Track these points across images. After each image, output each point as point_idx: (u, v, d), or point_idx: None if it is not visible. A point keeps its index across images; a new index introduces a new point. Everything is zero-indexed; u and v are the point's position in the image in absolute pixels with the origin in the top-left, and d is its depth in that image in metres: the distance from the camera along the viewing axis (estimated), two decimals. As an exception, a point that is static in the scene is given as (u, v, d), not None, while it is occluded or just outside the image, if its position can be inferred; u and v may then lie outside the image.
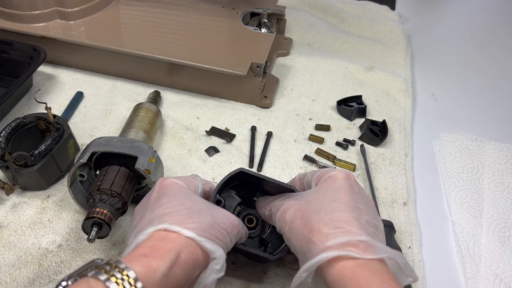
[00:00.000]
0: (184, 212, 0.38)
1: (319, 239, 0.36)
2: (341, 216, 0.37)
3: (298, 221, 0.39)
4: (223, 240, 0.38)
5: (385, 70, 0.84)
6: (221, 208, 0.43)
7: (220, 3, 0.84)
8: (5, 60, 0.72)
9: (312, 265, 0.35)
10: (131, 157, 0.51)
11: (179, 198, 0.40)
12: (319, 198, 0.40)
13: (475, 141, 0.72)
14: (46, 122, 0.59)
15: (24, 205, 0.56)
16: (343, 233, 0.35)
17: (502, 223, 0.60)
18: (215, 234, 0.37)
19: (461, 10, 1.10)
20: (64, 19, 0.75)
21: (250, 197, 0.51)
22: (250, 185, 0.50)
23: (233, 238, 0.41)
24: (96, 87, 0.76)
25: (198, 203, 0.40)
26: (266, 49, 0.72)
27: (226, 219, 0.40)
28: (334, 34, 0.94)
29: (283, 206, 0.42)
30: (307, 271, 0.35)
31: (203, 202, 0.42)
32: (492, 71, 0.89)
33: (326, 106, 0.76)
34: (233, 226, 0.41)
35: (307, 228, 0.37)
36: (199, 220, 0.37)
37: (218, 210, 0.41)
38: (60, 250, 0.52)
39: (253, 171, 0.47)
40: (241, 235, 0.43)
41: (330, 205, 0.39)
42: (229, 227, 0.40)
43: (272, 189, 0.49)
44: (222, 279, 0.50)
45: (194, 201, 0.40)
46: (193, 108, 0.73)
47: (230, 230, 0.40)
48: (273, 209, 0.43)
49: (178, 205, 0.39)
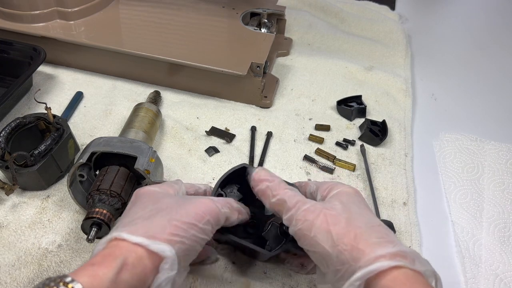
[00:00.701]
0: (141, 217, 0.38)
1: (367, 247, 0.35)
2: (378, 228, 0.37)
3: (335, 226, 0.38)
4: (184, 235, 0.37)
5: (385, 70, 0.84)
6: (195, 198, 0.42)
7: (220, 3, 0.84)
8: (5, 60, 0.72)
9: (366, 274, 0.34)
10: (131, 157, 0.51)
11: (146, 204, 0.40)
12: (345, 209, 0.39)
13: (475, 141, 0.72)
14: (46, 122, 0.59)
15: (24, 205, 0.56)
16: (390, 243, 0.35)
17: (502, 223, 0.60)
18: (171, 232, 0.37)
19: (461, 10, 1.10)
20: (64, 19, 0.75)
21: (252, 195, 0.51)
22: None
23: (208, 225, 0.39)
24: (96, 87, 0.76)
25: (164, 204, 0.40)
26: (266, 49, 0.72)
27: (198, 209, 0.39)
28: (334, 34, 0.94)
29: (305, 206, 0.40)
30: (360, 280, 0.34)
31: (172, 201, 0.41)
32: (492, 71, 0.89)
33: (326, 106, 0.76)
34: (205, 214, 0.39)
35: (349, 234, 0.37)
36: (151, 223, 0.37)
37: (188, 203, 0.40)
38: (60, 250, 0.52)
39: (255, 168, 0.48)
40: (230, 215, 0.42)
41: (363, 216, 0.39)
42: (199, 216, 0.39)
43: None
44: (222, 278, 0.50)
45: (160, 203, 0.40)
46: (193, 108, 0.73)
47: (199, 219, 0.39)
48: (288, 203, 0.41)
49: (139, 211, 0.39)
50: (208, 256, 0.50)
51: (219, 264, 0.52)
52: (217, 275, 0.51)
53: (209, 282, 0.50)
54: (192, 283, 0.50)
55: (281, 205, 0.42)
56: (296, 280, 0.51)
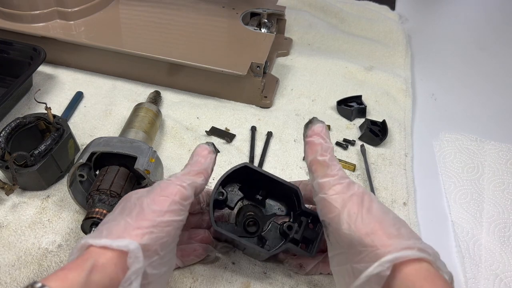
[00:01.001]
0: (109, 220, 0.39)
1: (397, 236, 0.36)
2: (405, 224, 0.39)
3: (367, 210, 0.38)
4: (150, 225, 0.37)
5: (385, 70, 0.84)
6: (156, 184, 0.41)
7: (220, 3, 0.84)
8: (5, 60, 0.72)
9: (396, 258, 0.35)
10: (131, 157, 0.51)
11: (116, 207, 0.41)
12: (369, 202, 0.40)
13: (475, 141, 0.72)
14: (46, 122, 0.59)
15: (24, 205, 0.56)
16: (417, 239, 0.37)
17: (502, 223, 0.60)
18: (135, 226, 0.37)
19: (461, 10, 1.10)
20: (64, 19, 0.75)
21: (253, 194, 0.51)
22: (253, 182, 0.50)
23: (175, 205, 0.39)
24: (96, 87, 0.76)
25: (129, 202, 0.40)
26: (266, 49, 0.72)
27: (157, 195, 0.39)
28: (334, 34, 0.94)
29: (345, 180, 0.41)
30: (390, 262, 0.35)
31: (137, 196, 0.41)
32: (493, 71, 0.89)
33: (326, 106, 0.76)
34: (167, 196, 0.39)
35: (381, 221, 0.38)
36: (116, 224, 0.38)
37: (149, 192, 0.40)
38: (60, 250, 0.52)
39: (257, 167, 0.48)
40: (198, 183, 0.42)
41: (391, 212, 0.40)
42: (161, 201, 0.39)
43: (274, 188, 0.49)
44: (222, 278, 0.50)
45: (125, 202, 0.41)
46: (193, 108, 0.73)
47: (162, 204, 0.39)
48: (330, 169, 0.41)
49: (109, 216, 0.40)
50: (208, 254, 0.50)
51: (219, 264, 0.52)
52: (217, 275, 0.51)
53: (209, 282, 0.50)
54: (192, 283, 0.50)
55: (322, 167, 0.41)
56: (296, 280, 0.51)
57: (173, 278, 0.50)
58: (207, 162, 0.44)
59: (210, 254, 0.50)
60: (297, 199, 0.48)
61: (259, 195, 0.51)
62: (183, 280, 0.50)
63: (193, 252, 0.49)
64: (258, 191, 0.51)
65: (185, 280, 0.50)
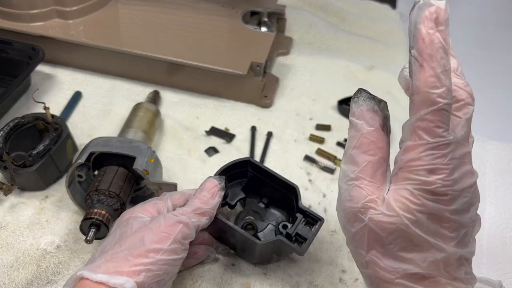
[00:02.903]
0: (108, 252, 0.39)
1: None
2: None
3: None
4: (149, 262, 0.37)
5: (386, 69, 0.84)
6: (159, 219, 0.41)
7: (220, 2, 0.84)
8: (4, 59, 0.71)
9: None
10: (130, 158, 0.51)
11: (115, 235, 0.41)
12: None
13: (476, 141, 0.71)
14: (45, 122, 0.58)
15: (22, 205, 0.56)
16: None
17: (504, 224, 0.59)
18: (134, 263, 0.37)
19: (462, 10, 1.09)
20: (63, 18, 0.75)
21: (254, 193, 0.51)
22: (255, 184, 0.50)
23: (176, 243, 0.39)
24: (95, 87, 0.76)
25: (130, 234, 0.40)
26: (266, 48, 0.72)
27: (160, 232, 0.39)
28: (335, 34, 0.93)
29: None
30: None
31: (138, 229, 0.40)
32: (493, 70, 0.89)
33: (327, 106, 0.75)
34: (170, 234, 0.39)
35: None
36: (114, 258, 0.37)
37: (152, 227, 0.40)
38: (59, 251, 0.51)
39: (259, 162, 0.48)
40: (202, 222, 0.42)
41: None
42: (163, 239, 0.39)
43: (275, 191, 0.49)
44: (222, 280, 0.50)
45: (127, 234, 0.40)
46: (193, 108, 0.72)
47: (163, 242, 0.39)
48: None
49: (108, 245, 0.40)
50: (207, 255, 0.50)
51: (219, 265, 0.51)
52: (217, 276, 0.50)
53: (209, 283, 0.50)
54: (191, 285, 0.49)
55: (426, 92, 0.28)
56: (296, 280, 0.51)
57: (172, 279, 0.50)
58: (215, 202, 0.44)
59: (210, 255, 0.50)
60: (295, 197, 0.48)
61: (262, 202, 0.51)
62: (182, 281, 0.49)
63: (193, 255, 0.49)
64: (261, 197, 0.51)
65: (184, 282, 0.49)
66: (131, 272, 0.36)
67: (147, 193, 0.57)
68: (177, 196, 0.46)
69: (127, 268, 0.37)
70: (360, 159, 0.32)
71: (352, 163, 0.32)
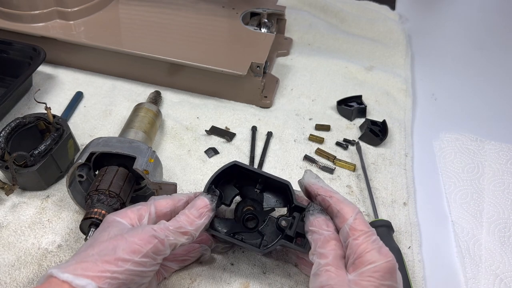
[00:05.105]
0: (81, 253, 0.39)
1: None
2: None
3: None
4: (116, 270, 0.38)
5: (385, 70, 0.84)
6: (137, 230, 0.41)
7: (220, 3, 0.84)
8: (5, 60, 0.72)
9: None
10: (130, 158, 0.51)
11: (93, 237, 0.41)
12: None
13: (475, 141, 0.72)
14: (46, 122, 0.59)
15: (23, 205, 0.56)
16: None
17: (502, 223, 0.59)
18: (101, 268, 0.37)
19: (461, 10, 1.09)
20: (64, 19, 0.75)
21: (251, 187, 0.51)
22: (248, 177, 0.50)
23: (147, 257, 0.39)
24: (96, 87, 0.76)
25: (105, 239, 0.40)
26: (266, 49, 0.72)
27: (134, 244, 0.39)
28: (334, 34, 0.94)
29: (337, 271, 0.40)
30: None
31: (114, 235, 0.41)
32: (492, 70, 0.89)
33: (326, 106, 0.76)
34: (142, 247, 0.39)
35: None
36: (84, 260, 0.38)
37: (127, 237, 0.40)
38: (60, 251, 0.52)
39: (246, 164, 0.48)
40: (178, 241, 0.42)
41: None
42: (135, 251, 0.39)
43: (269, 181, 0.49)
44: (221, 279, 0.50)
45: (102, 238, 0.40)
46: (193, 108, 0.73)
47: (135, 253, 0.39)
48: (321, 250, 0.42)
49: (83, 246, 0.41)
50: (203, 254, 0.50)
51: (217, 264, 0.52)
52: (216, 275, 0.51)
53: (207, 283, 0.50)
54: (189, 284, 0.50)
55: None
56: (295, 280, 0.51)
57: (170, 279, 0.50)
58: (200, 223, 0.44)
59: (205, 253, 0.50)
60: (290, 194, 0.48)
61: (256, 188, 0.51)
62: (181, 281, 0.50)
63: (188, 253, 0.49)
64: (255, 184, 0.51)
65: (182, 282, 0.50)
66: (97, 277, 0.37)
67: (147, 192, 0.57)
68: (164, 202, 0.46)
69: (93, 272, 0.37)
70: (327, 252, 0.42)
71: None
